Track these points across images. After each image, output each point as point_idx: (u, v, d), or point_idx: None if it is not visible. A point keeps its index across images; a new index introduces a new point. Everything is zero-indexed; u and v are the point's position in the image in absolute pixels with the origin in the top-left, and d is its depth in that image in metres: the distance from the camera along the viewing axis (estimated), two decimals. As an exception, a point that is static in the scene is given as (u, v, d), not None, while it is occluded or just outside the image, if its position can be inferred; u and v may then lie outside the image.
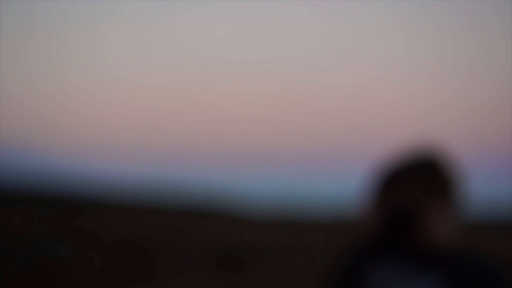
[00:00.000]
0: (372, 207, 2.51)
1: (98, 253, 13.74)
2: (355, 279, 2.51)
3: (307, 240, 13.16)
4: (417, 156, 2.53)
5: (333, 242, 9.08)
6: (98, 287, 10.45)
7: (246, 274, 12.34)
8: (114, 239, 17.08)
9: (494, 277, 2.41)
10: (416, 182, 2.48)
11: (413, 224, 2.44)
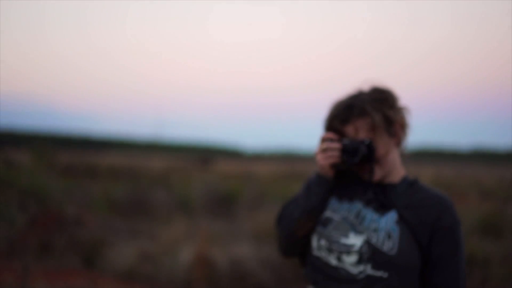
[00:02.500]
0: (326, 140, 2.46)
1: (101, 190, 14.13)
2: (314, 211, 2.48)
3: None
4: (369, 89, 2.50)
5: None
6: (97, 224, 10.66)
7: (239, 212, 12.86)
8: (118, 179, 17.60)
9: (445, 206, 2.45)
10: (367, 114, 2.43)
11: (366, 154, 2.42)
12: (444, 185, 23.85)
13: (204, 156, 42.02)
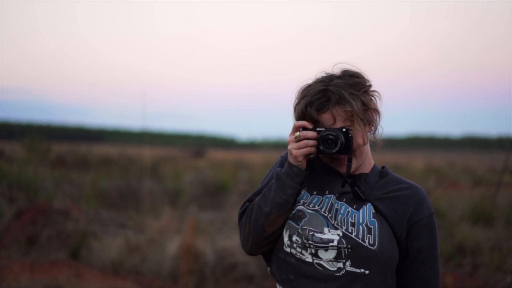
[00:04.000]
0: (299, 128, 2.30)
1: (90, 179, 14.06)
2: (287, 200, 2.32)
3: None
4: (341, 73, 2.34)
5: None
6: (87, 212, 10.59)
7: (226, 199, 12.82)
8: (109, 168, 17.55)
9: (420, 198, 2.34)
10: (346, 101, 2.26)
11: (344, 144, 2.27)
12: (436, 173, 23.85)
13: (197, 145, 41.96)
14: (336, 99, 2.26)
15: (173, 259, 7.86)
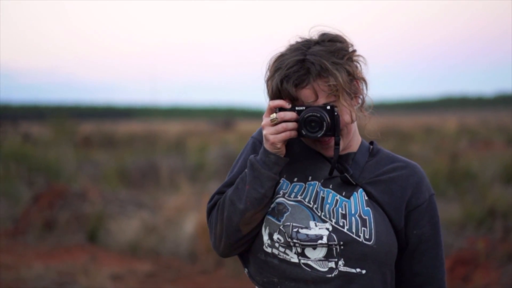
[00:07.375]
0: (276, 109, 1.95)
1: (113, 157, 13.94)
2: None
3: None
4: (319, 38, 1.99)
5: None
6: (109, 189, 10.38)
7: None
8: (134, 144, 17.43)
9: (418, 178, 2.04)
10: (329, 73, 1.92)
11: (330, 124, 1.93)
12: (469, 133, 23.35)
13: (226, 118, 41.80)
14: (317, 71, 1.91)
15: (191, 238, 7.61)
